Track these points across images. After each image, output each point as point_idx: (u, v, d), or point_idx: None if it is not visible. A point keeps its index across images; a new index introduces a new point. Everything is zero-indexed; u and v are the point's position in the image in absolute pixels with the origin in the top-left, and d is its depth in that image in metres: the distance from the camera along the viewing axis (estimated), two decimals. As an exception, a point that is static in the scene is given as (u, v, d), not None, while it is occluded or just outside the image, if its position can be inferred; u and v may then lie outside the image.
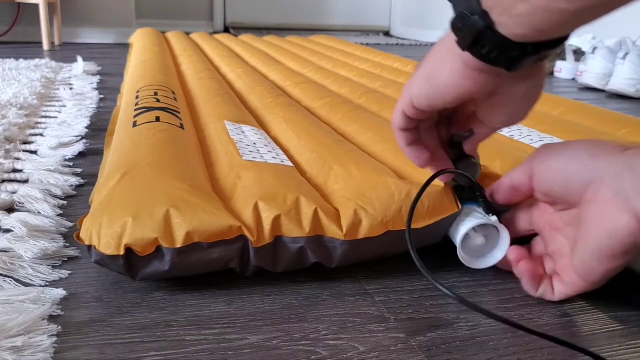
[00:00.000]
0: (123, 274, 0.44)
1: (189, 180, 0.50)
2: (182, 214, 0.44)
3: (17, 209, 0.60)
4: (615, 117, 0.87)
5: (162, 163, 0.54)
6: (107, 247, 0.43)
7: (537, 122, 0.80)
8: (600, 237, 0.39)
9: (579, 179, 0.41)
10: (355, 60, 1.54)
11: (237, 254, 0.45)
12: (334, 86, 1.12)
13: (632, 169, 0.38)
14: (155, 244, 0.43)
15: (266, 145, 0.65)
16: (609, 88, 1.52)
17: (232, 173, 0.55)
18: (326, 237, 0.47)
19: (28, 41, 2.40)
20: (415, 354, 0.39)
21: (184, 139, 0.64)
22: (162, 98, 0.82)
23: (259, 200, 0.47)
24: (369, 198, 0.49)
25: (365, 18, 3.80)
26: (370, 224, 0.47)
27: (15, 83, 1.23)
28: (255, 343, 0.40)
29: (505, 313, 0.44)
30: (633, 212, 0.37)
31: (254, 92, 1.00)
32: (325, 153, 0.61)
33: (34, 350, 0.37)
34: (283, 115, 0.80)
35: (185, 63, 1.33)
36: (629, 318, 0.44)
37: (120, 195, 0.48)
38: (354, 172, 0.54)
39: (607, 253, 0.39)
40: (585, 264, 0.41)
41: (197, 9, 3.41)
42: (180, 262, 0.44)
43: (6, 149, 0.78)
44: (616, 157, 0.40)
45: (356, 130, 0.74)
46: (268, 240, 0.46)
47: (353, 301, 0.46)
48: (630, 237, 0.38)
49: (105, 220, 0.44)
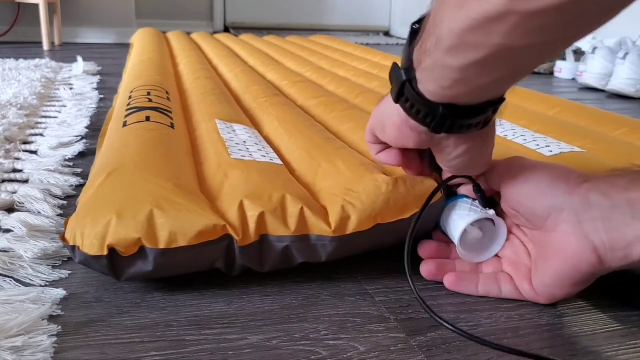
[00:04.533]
0: (107, 274, 0.44)
1: (174, 179, 0.50)
2: (166, 214, 0.44)
3: (17, 209, 0.60)
4: (611, 118, 0.88)
5: (149, 162, 0.53)
6: (90, 247, 0.43)
7: (533, 122, 0.80)
8: (561, 266, 0.42)
9: (540, 207, 0.43)
10: (353, 60, 1.54)
11: (222, 254, 0.45)
12: (331, 86, 1.12)
13: (588, 204, 0.40)
14: (139, 244, 0.43)
15: (256, 144, 0.64)
16: (609, 88, 1.52)
17: (220, 171, 0.55)
18: (314, 235, 0.47)
19: (28, 41, 2.40)
20: (415, 354, 0.39)
21: (173, 139, 0.64)
22: (155, 98, 0.82)
23: (244, 199, 0.47)
24: (356, 192, 0.49)
25: (365, 18, 3.80)
26: (358, 218, 0.47)
27: (15, 83, 1.23)
28: (255, 343, 0.40)
29: (505, 313, 0.44)
30: (592, 246, 0.39)
31: (250, 91, 1.00)
32: (314, 151, 0.61)
33: (34, 350, 0.37)
34: (276, 114, 0.80)
35: (183, 63, 1.32)
36: (629, 318, 0.44)
37: (105, 195, 0.48)
38: (341, 169, 0.54)
39: (567, 282, 0.42)
40: (545, 287, 0.44)
41: (197, 9, 3.40)
42: (164, 263, 0.44)
43: (6, 149, 0.78)
44: (573, 190, 0.41)
45: (350, 128, 0.74)
46: (253, 239, 0.45)
47: (353, 301, 0.46)
48: (590, 269, 0.40)
49: (90, 221, 0.44)
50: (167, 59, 1.37)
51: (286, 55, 1.57)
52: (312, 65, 1.36)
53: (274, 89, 1.01)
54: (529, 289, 0.45)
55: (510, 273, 0.47)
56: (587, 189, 0.41)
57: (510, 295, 0.46)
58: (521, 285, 0.45)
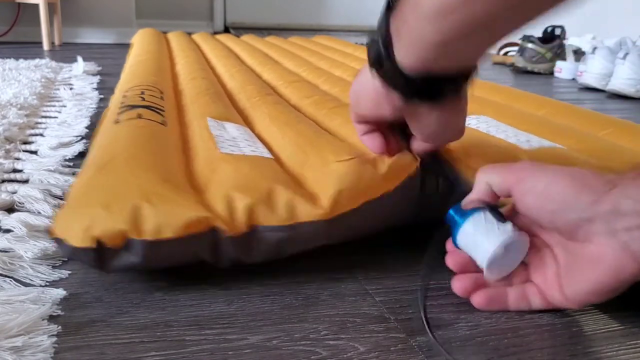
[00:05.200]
0: (94, 266, 0.44)
1: (163, 174, 0.50)
2: (153, 207, 0.44)
3: (17, 209, 0.60)
4: (599, 118, 0.88)
5: (138, 157, 0.53)
6: (77, 239, 0.43)
7: (520, 122, 0.80)
8: (601, 277, 0.40)
9: (566, 221, 0.41)
10: (352, 60, 1.54)
11: (210, 246, 0.45)
12: (325, 85, 1.13)
13: (619, 213, 0.38)
14: (125, 236, 0.43)
15: (246, 140, 0.64)
16: (609, 88, 1.52)
17: (209, 166, 0.55)
18: (305, 222, 0.46)
19: (28, 41, 2.40)
20: (415, 354, 0.39)
21: (163, 135, 0.64)
22: (148, 97, 0.82)
23: (233, 190, 0.47)
24: (344, 174, 0.50)
25: (365, 18, 3.80)
26: (347, 197, 0.48)
27: (15, 83, 1.23)
28: (255, 343, 0.40)
29: (505, 313, 0.44)
30: (632, 256, 0.38)
31: (244, 90, 1.00)
32: (305, 144, 0.61)
33: (34, 350, 0.37)
34: (268, 111, 0.80)
35: (180, 63, 1.32)
36: (629, 318, 0.44)
37: (94, 188, 0.47)
38: (329, 159, 0.54)
39: (606, 290, 0.41)
40: (581, 295, 0.42)
41: (197, 9, 3.41)
42: (151, 255, 0.43)
43: (6, 149, 0.78)
44: (601, 199, 0.39)
45: (339, 124, 0.74)
46: (243, 229, 0.45)
47: (353, 301, 0.46)
48: (632, 277, 0.39)
49: (77, 214, 0.44)
50: (165, 60, 1.37)
51: (285, 55, 1.57)
52: (309, 65, 1.37)
53: (268, 89, 1.02)
54: (560, 297, 0.43)
55: (538, 283, 0.44)
56: (616, 196, 0.39)
57: (539, 307, 0.44)
58: (551, 295, 0.43)
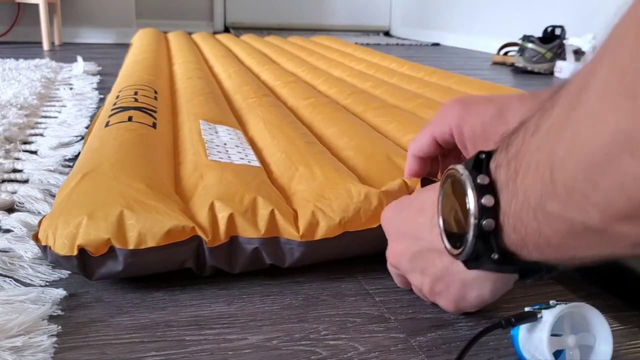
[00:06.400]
0: (78, 274, 0.45)
1: (147, 180, 0.50)
2: (136, 215, 0.44)
3: (17, 209, 0.60)
4: None
5: (124, 163, 0.53)
6: (61, 247, 0.43)
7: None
8: None
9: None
10: (351, 60, 1.54)
11: (191, 255, 0.45)
12: (323, 86, 1.13)
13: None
14: (108, 245, 0.43)
15: (237, 146, 0.65)
16: (609, 88, 1.52)
17: (196, 173, 0.55)
18: (282, 238, 0.47)
19: (28, 41, 2.40)
20: (415, 354, 0.39)
21: (153, 139, 0.64)
22: (141, 97, 0.82)
23: (215, 200, 0.47)
24: (328, 199, 0.49)
25: (365, 18, 3.80)
26: (327, 225, 0.48)
27: (15, 83, 1.23)
28: (255, 343, 0.40)
29: (506, 313, 0.44)
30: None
31: (240, 91, 1.00)
32: (294, 153, 0.61)
33: (34, 350, 0.37)
34: (262, 115, 0.80)
35: (178, 63, 1.32)
36: (629, 318, 0.44)
37: (79, 195, 0.48)
38: (317, 174, 0.55)
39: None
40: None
41: (197, 9, 3.41)
42: (134, 263, 0.44)
43: (6, 149, 0.78)
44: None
45: (334, 133, 0.74)
46: (223, 240, 0.46)
47: (353, 301, 0.46)
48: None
49: (62, 221, 0.44)
50: (163, 59, 1.37)
51: (285, 55, 1.57)
52: (307, 65, 1.37)
53: (264, 89, 1.02)
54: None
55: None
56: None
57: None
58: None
